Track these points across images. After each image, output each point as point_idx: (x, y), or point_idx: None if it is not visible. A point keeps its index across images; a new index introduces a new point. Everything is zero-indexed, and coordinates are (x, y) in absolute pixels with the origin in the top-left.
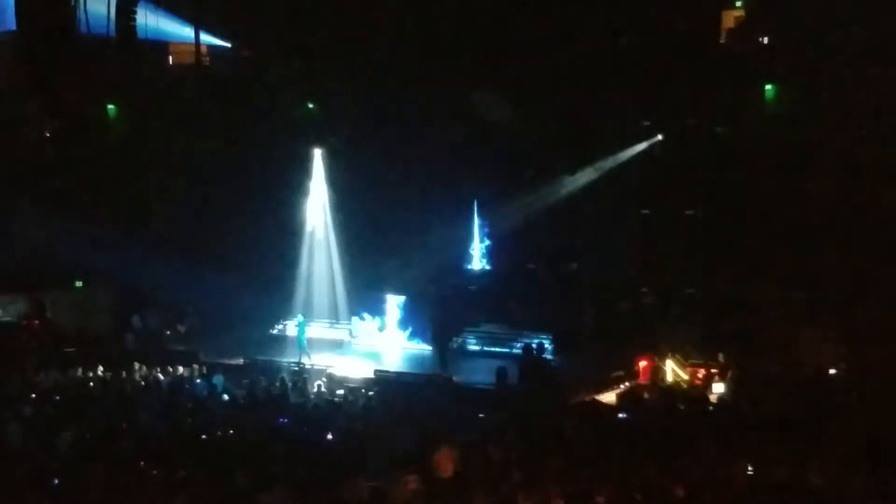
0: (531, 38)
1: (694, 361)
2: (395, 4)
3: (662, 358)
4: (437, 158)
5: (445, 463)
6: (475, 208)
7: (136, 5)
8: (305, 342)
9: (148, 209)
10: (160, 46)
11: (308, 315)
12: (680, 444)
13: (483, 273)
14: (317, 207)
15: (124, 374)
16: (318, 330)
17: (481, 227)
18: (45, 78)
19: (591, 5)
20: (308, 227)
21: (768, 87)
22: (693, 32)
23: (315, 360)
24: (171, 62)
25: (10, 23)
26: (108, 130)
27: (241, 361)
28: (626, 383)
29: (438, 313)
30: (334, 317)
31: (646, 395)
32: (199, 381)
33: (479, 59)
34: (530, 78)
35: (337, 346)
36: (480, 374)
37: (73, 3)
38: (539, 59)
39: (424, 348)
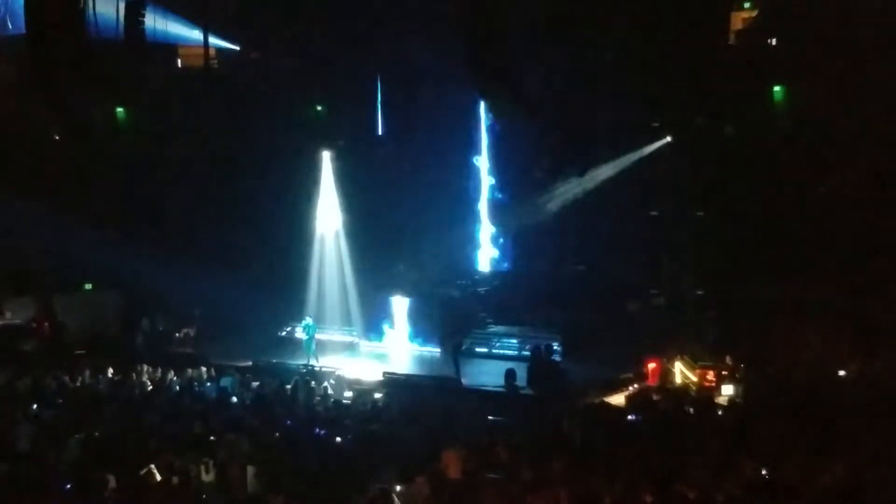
0: (540, 39)
1: (703, 363)
2: (401, 5)
3: (671, 360)
4: (445, 160)
5: (454, 464)
6: (484, 210)
7: (144, 8)
8: (313, 344)
9: (157, 211)
10: (169, 49)
11: (316, 318)
12: (689, 446)
13: (492, 275)
14: (326, 209)
15: (134, 376)
16: (326, 333)
17: (490, 228)
18: (54, 80)
19: (600, 5)
20: (317, 229)
21: (777, 88)
22: (702, 33)
23: (323, 362)
24: (179, 64)
25: (20, 25)
26: (117, 132)
27: (249, 363)
28: (635, 385)
29: (448, 315)
30: (343, 320)
31: (655, 397)
32: (208, 383)
33: (487, 61)
34: (540, 79)
35: (345, 348)
36: (489, 376)
37: (82, 4)
38: (548, 61)
39: (433, 350)
